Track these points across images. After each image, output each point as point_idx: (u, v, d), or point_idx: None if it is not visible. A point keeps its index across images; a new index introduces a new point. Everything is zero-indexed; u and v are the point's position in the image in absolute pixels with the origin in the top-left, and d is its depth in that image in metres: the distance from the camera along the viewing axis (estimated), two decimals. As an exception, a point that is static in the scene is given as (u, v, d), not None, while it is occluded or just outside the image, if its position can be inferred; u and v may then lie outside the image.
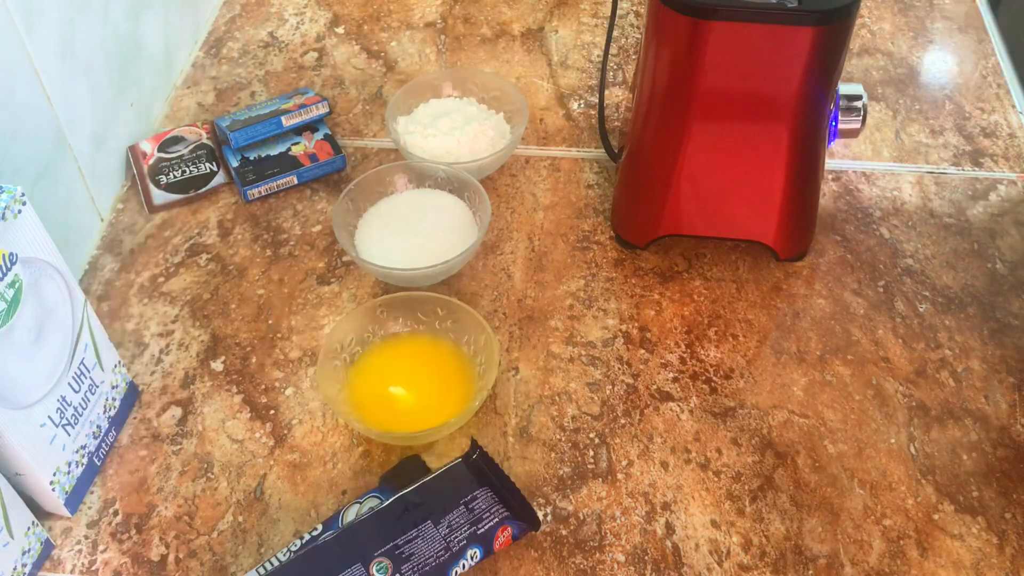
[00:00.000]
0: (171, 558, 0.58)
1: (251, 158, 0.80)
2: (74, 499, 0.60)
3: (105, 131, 0.78)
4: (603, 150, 0.81)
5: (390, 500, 0.56)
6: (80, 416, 0.59)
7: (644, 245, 0.74)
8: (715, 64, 0.62)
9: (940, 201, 0.79)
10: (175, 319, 0.71)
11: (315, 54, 0.94)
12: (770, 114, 0.65)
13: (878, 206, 0.78)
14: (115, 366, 0.63)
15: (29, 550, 0.56)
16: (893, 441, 0.63)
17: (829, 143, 0.72)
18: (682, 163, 0.67)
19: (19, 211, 0.52)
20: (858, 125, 0.73)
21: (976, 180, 0.80)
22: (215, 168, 0.81)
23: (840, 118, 0.72)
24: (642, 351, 0.68)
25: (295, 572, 0.54)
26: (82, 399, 0.59)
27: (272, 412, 0.65)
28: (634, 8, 0.98)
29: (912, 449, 0.63)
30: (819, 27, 0.58)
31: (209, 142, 0.82)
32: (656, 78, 0.66)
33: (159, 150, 0.81)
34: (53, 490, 0.57)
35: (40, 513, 0.59)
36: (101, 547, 0.59)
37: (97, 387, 0.61)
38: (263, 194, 0.79)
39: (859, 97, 0.72)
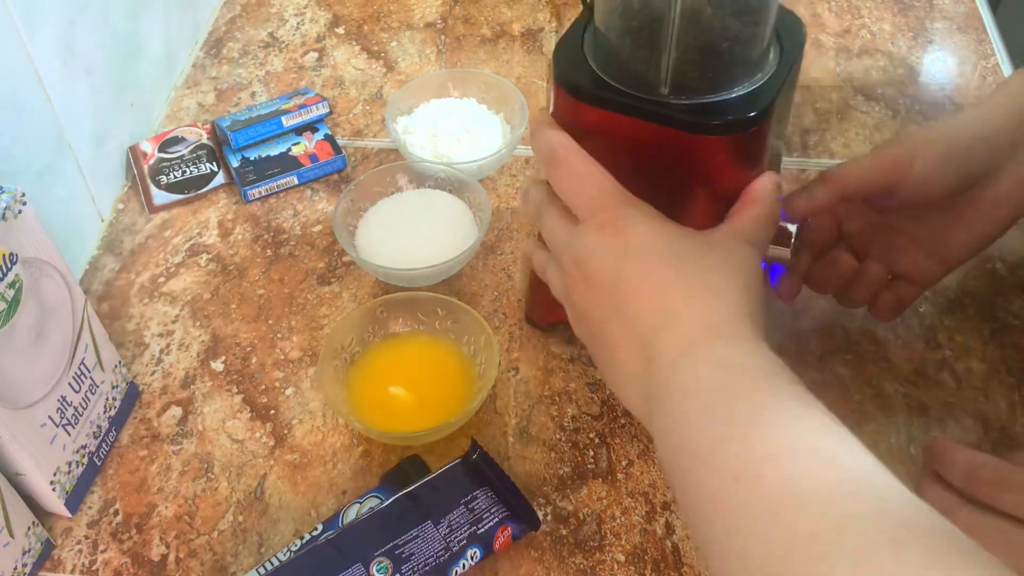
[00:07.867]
0: (171, 558, 0.58)
1: (251, 158, 0.80)
2: (74, 499, 0.60)
3: (105, 131, 0.78)
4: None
5: (390, 500, 0.56)
6: (80, 416, 0.59)
7: (545, 327, 0.68)
8: (605, 157, 0.50)
9: (940, 201, 0.78)
10: (175, 319, 0.71)
11: (315, 54, 0.94)
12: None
13: (878, 206, 0.78)
14: (115, 366, 0.63)
15: (29, 550, 0.56)
16: (893, 441, 0.63)
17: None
18: None
19: (19, 211, 0.52)
20: (787, 254, 0.59)
21: (976, 180, 0.80)
22: (215, 168, 0.81)
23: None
24: (642, 351, 0.68)
25: (295, 572, 0.54)
26: (82, 399, 0.59)
27: (272, 412, 0.65)
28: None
29: (912, 449, 0.63)
30: (718, 136, 0.45)
31: (209, 142, 0.82)
32: None
33: (159, 150, 0.81)
34: (53, 490, 0.57)
35: (40, 513, 0.59)
36: (101, 547, 0.59)
37: (97, 387, 0.61)
38: (263, 194, 0.79)
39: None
